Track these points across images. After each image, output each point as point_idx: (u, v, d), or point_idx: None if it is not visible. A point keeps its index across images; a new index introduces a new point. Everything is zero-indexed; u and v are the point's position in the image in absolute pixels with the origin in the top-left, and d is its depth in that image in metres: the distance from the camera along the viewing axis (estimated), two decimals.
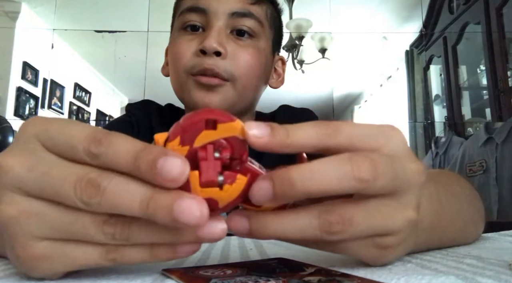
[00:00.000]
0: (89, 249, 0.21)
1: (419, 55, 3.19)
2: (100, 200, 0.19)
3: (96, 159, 0.20)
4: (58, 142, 0.21)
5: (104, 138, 0.20)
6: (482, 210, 0.42)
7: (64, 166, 0.20)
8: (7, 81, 3.01)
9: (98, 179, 0.19)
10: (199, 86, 0.56)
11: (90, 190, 0.19)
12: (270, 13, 0.63)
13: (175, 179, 0.19)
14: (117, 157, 0.20)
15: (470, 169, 1.81)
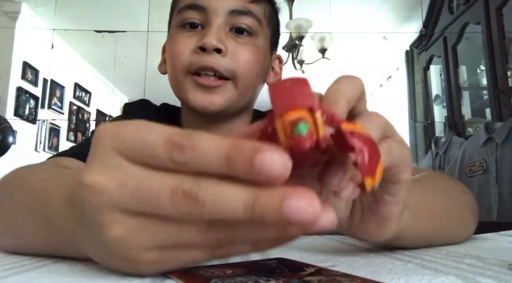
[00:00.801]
0: (196, 252, 0.21)
1: (419, 55, 3.19)
2: (201, 211, 0.18)
3: (184, 166, 0.19)
4: (138, 152, 0.20)
5: (186, 143, 0.19)
6: (472, 205, 0.42)
7: (153, 178, 0.19)
8: (7, 81, 3.01)
9: (194, 189, 0.18)
10: (197, 86, 0.56)
11: (188, 202, 0.18)
12: (268, 11, 0.63)
13: (279, 176, 0.17)
14: (206, 161, 0.18)
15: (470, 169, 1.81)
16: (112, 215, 0.20)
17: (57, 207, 0.26)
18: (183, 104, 0.62)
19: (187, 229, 0.20)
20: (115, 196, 0.20)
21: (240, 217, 0.18)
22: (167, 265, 0.22)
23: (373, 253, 0.31)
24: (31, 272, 0.24)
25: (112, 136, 0.20)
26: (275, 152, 0.17)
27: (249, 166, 0.17)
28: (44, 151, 3.39)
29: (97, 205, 0.20)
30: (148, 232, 0.20)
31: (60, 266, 0.26)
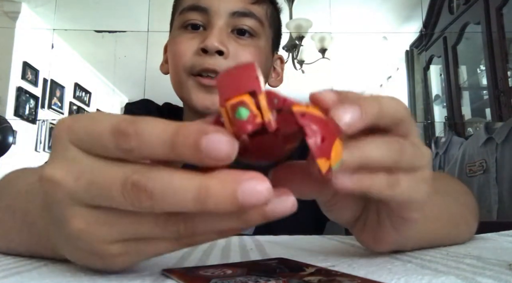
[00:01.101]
0: (160, 243, 0.21)
1: (419, 55, 3.20)
2: (152, 204, 0.18)
3: (130, 153, 0.19)
4: (89, 143, 0.20)
5: (130, 130, 0.18)
6: (474, 206, 0.42)
7: (105, 170, 0.19)
8: (7, 81, 3.02)
9: (142, 181, 0.18)
10: (200, 86, 0.56)
11: (137, 195, 0.18)
12: (270, 12, 0.63)
13: (225, 157, 0.17)
14: (151, 147, 0.18)
15: (470, 169, 1.81)
16: (72, 208, 0.20)
17: (36, 210, 0.26)
18: (185, 104, 0.62)
19: (145, 222, 0.20)
20: (72, 189, 0.20)
21: (192, 209, 0.18)
22: (134, 257, 0.22)
23: (373, 253, 0.31)
24: (31, 272, 0.24)
25: (68, 129, 0.20)
26: (220, 132, 0.17)
27: (194, 148, 0.17)
28: (44, 151, 3.39)
29: (57, 198, 0.20)
30: (108, 225, 0.20)
31: (60, 266, 0.26)
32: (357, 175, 0.21)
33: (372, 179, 0.22)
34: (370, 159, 0.21)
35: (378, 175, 0.22)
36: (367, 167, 0.21)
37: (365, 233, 0.28)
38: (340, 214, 0.28)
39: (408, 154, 0.22)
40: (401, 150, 0.22)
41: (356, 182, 0.21)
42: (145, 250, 0.21)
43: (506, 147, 1.65)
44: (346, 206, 0.28)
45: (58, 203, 0.20)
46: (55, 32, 3.37)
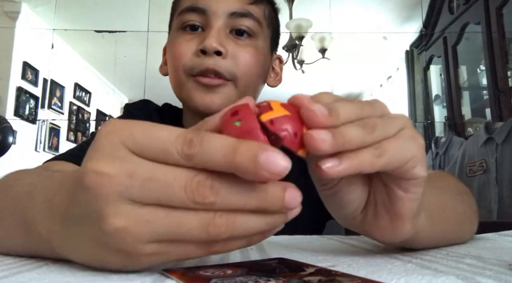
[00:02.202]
0: (193, 247, 0.22)
1: (419, 55, 3.20)
2: (215, 199, 0.20)
3: (192, 159, 0.20)
4: (149, 146, 0.21)
5: (196, 138, 0.20)
6: (475, 207, 0.42)
7: (166, 170, 0.20)
8: (7, 81, 3.02)
9: (208, 181, 0.20)
10: (199, 86, 0.56)
11: (202, 191, 0.20)
12: (268, 12, 0.63)
13: (280, 172, 0.19)
14: (213, 155, 0.20)
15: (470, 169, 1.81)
16: (116, 205, 0.20)
17: (37, 209, 0.26)
18: (185, 105, 0.62)
19: (188, 223, 0.21)
20: (123, 185, 0.20)
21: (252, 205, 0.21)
22: (162, 259, 0.22)
23: (373, 253, 0.31)
24: (31, 272, 0.24)
25: (120, 131, 0.21)
26: (277, 151, 0.19)
27: (253, 159, 0.19)
28: (44, 151, 3.39)
29: (103, 193, 0.20)
30: (149, 224, 0.21)
31: (60, 266, 0.26)
32: (344, 158, 0.23)
33: (359, 156, 0.23)
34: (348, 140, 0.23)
35: (363, 151, 0.23)
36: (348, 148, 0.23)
37: (379, 216, 0.28)
38: (346, 200, 0.28)
39: (380, 123, 0.24)
40: (373, 123, 0.24)
41: (346, 165, 0.23)
42: (175, 252, 0.22)
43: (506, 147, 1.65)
44: (348, 191, 0.28)
45: (101, 198, 0.20)
46: (55, 32, 3.37)
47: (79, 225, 0.22)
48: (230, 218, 0.21)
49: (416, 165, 0.25)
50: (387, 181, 0.27)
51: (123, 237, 0.21)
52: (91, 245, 0.22)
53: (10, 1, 3.05)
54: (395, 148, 0.24)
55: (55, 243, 0.25)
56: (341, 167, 0.23)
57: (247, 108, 0.22)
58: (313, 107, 0.22)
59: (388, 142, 0.24)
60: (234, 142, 0.20)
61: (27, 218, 0.27)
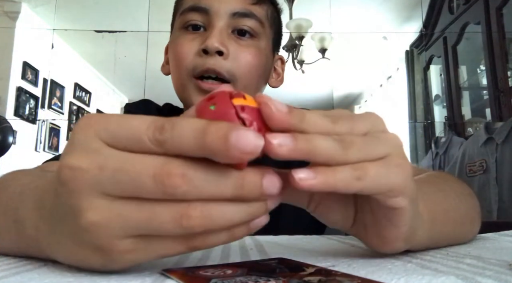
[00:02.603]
0: (170, 243, 0.21)
1: (419, 55, 3.19)
2: (188, 188, 0.19)
3: (163, 145, 0.20)
4: (121, 136, 0.20)
5: (167, 124, 0.20)
6: (478, 208, 0.42)
7: (135, 160, 0.20)
8: (7, 81, 3.01)
9: (180, 168, 0.19)
10: (199, 91, 0.56)
11: (174, 180, 0.19)
12: (270, 13, 0.63)
13: (252, 151, 0.19)
14: (184, 138, 0.19)
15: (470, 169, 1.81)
16: (90, 199, 0.20)
17: (26, 209, 0.26)
18: (186, 105, 0.62)
19: (160, 216, 0.20)
20: (95, 178, 0.20)
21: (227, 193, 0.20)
22: (140, 257, 0.22)
23: (373, 253, 0.31)
24: (31, 272, 0.24)
25: (95, 123, 0.21)
26: (249, 129, 0.19)
27: (224, 139, 0.18)
28: (44, 150, 3.39)
29: (77, 187, 0.20)
30: (121, 218, 0.20)
31: (60, 266, 0.26)
32: (319, 173, 0.21)
33: (336, 174, 0.22)
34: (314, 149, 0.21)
35: (343, 170, 0.22)
36: (314, 159, 0.22)
37: (368, 234, 0.28)
38: (329, 216, 0.28)
39: (360, 142, 0.23)
40: (350, 140, 0.23)
41: (320, 180, 0.21)
42: (153, 249, 0.21)
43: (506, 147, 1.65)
44: (331, 208, 0.28)
45: (75, 193, 0.20)
46: (55, 32, 3.37)
47: (61, 222, 0.22)
48: (205, 209, 0.20)
49: (397, 195, 0.24)
50: (372, 206, 0.26)
51: (97, 232, 0.20)
52: (72, 243, 0.22)
53: (10, 1, 3.05)
54: (376, 174, 0.23)
55: (42, 242, 0.25)
56: (314, 181, 0.21)
57: (223, 93, 0.21)
58: (272, 103, 0.21)
59: (370, 165, 0.23)
60: (204, 123, 0.19)
61: (18, 218, 0.27)
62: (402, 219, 0.25)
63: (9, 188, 0.33)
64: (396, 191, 0.24)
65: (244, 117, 0.21)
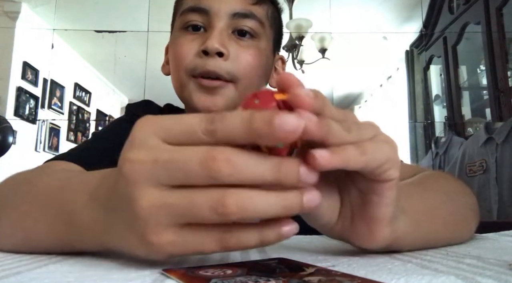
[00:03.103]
0: (207, 238, 0.23)
1: (419, 55, 3.19)
2: (231, 171, 0.21)
3: (214, 134, 0.22)
4: (176, 132, 0.23)
5: (217, 116, 0.22)
6: (473, 206, 0.42)
7: (186, 150, 0.22)
8: (7, 81, 3.01)
9: (224, 153, 0.21)
10: (200, 88, 0.56)
11: (219, 164, 0.21)
12: (271, 13, 0.63)
13: (295, 130, 0.20)
14: (233, 126, 0.21)
15: (470, 169, 1.81)
16: (144, 189, 0.23)
17: (79, 202, 0.29)
18: (186, 105, 0.62)
19: (199, 200, 0.22)
20: (150, 170, 0.22)
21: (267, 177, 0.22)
22: (180, 249, 0.23)
23: (373, 253, 0.31)
24: (31, 272, 0.24)
25: (152, 123, 0.24)
26: (289, 113, 0.21)
27: (269, 123, 0.20)
28: (44, 150, 3.39)
29: (134, 178, 0.23)
30: (168, 208, 0.22)
31: (60, 266, 0.26)
32: (334, 151, 0.24)
33: (345, 151, 0.24)
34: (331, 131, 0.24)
35: (349, 148, 0.24)
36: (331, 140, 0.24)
37: (355, 224, 0.29)
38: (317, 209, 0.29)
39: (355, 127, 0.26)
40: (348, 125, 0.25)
41: (336, 157, 0.23)
42: (192, 242, 0.23)
43: (506, 147, 1.65)
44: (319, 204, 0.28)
45: (133, 183, 0.23)
46: (55, 32, 3.37)
47: (117, 211, 0.25)
48: (240, 197, 0.21)
49: (391, 167, 0.26)
50: (361, 186, 0.28)
51: (146, 219, 0.23)
52: (125, 230, 0.24)
53: (10, 1, 3.05)
54: (373, 149, 0.25)
55: (99, 231, 0.27)
56: (332, 158, 0.23)
57: (266, 90, 0.24)
58: (301, 92, 0.23)
59: (366, 142, 0.25)
60: (250, 112, 0.21)
61: (67, 210, 0.29)
62: (392, 193, 0.27)
63: (38, 185, 0.35)
64: (390, 163, 0.26)
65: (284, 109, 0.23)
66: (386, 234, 0.28)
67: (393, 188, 0.27)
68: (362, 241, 0.29)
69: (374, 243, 0.29)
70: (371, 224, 0.28)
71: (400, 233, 0.29)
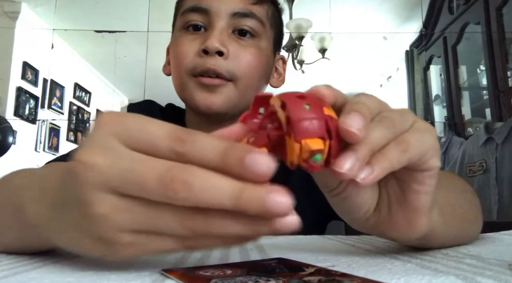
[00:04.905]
0: (168, 241, 0.22)
1: (419, 55, 3.20)
2: (187, 195, 0.19)
3: (181, 157, 0.20)
4: (139, 139, 0.21)
5: (187, 137, 0.21)
6: (480, 206, 0.42)
7: (146, 162, 0.21)
8: (7, 81, 3.01)
9: (184, 174, 0.20)
10: (201, 87, 0.56)
11: (176, 185, 0.19)
12: (271, 12, 0.63)
13: (265, 174, 0.19)
14: (204, 154, 0.20)
15: (470, 169, 1.81)
16: (100, 194, 0.21)
17: (28, 196, 0.27)
18: (187, 105, 0.63)
19: (165, 216, 0.21)
20: (105, 175, 0.21)
21: (226, 205, 0.19)
22: (139, 251, 0.22)
23: (373, 253, 0.31)
24: (31, 272, 0.24)
25: (115, 122, 0.22)
26: (265, 154, 0.20)
27: (240, 162, 0.19)
28: (44, 151, 3.39)
29: (88, 181, 0.21)
30: (130, 214, 0.21)
31: (60, 266, 0.26)
32: (374, 163, 0.23)
33: (387, 157, 0.23)
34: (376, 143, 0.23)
35: (389, 150, 0.23)
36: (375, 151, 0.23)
37: (393, 214, 0.28)
38: (357, 198, 0.28)
39: (397, 117, 0.25)
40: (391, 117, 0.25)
41: (378, 170, 0.23)
42: (151, 244, 0.22)
43: (506, 147, 1.65)
44: (359, 195, 0.27)
45: (85, 186, 0.21)
46: (55, 32, 3.37)
47: (65, 209, 0.23)
48: (207, 218, 0.20)
49: (433, 155, 0.25)
50: (400, 176, 0.27)
51: (103, 224, 0.21)
52: (74, 229, 0.23)
53: (10, 1, 3.05)
54: (416, 140, 0.24)
55: (41, 226, 0.26)
56: (375, 174, 0.22)
57: (316, 96, 0.22)
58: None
59: (408, 135, 0.24)
60: (226, 143, 0.20)
61: (19, 207, 0.28)
62: (433, 182, 0.26)
63: (11, 182, 0.34)
64: (432, 151, 0.25)
65: (331, 128, 0.22)
66: (425, 223, 0.27)
67: (435, 176, 0.26)
68: (400, 232, 0.28)
69: (413, 234, 0.28)
70: (410, 214, 0.27)
71: (434, 224, 0.29)
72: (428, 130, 0.26)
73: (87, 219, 0.22)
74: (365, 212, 0.28)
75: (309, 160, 0.21)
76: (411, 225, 0.27)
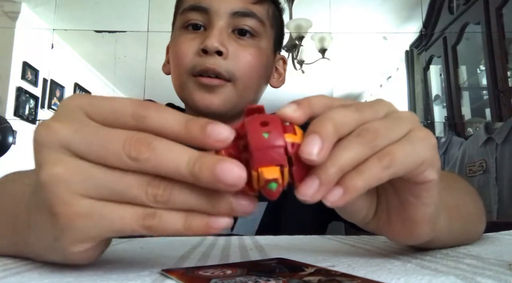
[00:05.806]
0: (127, 212, 0.21)
1: (419, 55, 3.19)
2: (149, 156, 0.20)
3: (144, 122, 0.21)
4: (104, 110, 0.22)
5: (151, 105, 0.21)
6: (483, 207, 0.42)
7: (111, 129, 0.21)
8: (7, 81, 3.01)
9: (148, 138, 0.20)
10: (200, 87, 0.56)
11: (139, 146, 0.20)
12: (271, 12, 0.63)
13: (224, 140, 0.20)
14: (168, 121, 0.21)
15: (470, 169, 1.81)
16: (57, 154, 0.21)
17: (21, 202, 0.27)
18: (186, 105, 0.62)
19: (127, 179, 0.21)
20: (67, 137, 0.21)
21: (182, 170, 0.20)
22: (95, 225, 0.21)
23: (373, 253, 0.31)
24: (31, 272, 0.24)
25: (81, 98, 0.23)
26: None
27: (202, 129, 0.20)
28: None
29: (46, 142, 0.21)
30: (86, 176, 0.21)
31: (60, 266, 0.26)
32: (347, 182, 0.21)
33: (363, 175, 0.22)
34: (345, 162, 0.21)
35: (367, 166, 0.22)
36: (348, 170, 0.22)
37: (392, 222, 0.27)
38: (354, 205, 0.27)
39: (383, 128, 0.23)
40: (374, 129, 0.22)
41: (352, 191, 0.21)
42: (109, 217, 0.21)
43: (506, 147, 1.65)
44: (355, 203, 0.27)
45: (43, 147, 0.21)
46: (55, 32, 3.37)
47: (34, 193, 0.23)
48: (167, 186, 0.21)
49: (427, 168, 0.24)
50: (397, 186, 0.26)
51: (57, 186, 0.20)
52: (34, 209, 0.23)
53: (10, 1, 3.05)
54: (404, 154, 0.22)
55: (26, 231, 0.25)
56: (348, 195, 0.21)
57: (278, 123, 0.22)
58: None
59: (395, 147, 0.22)
60: (188, 116, 0.21)
61: (13, 211, 0.27)
62: (431, 194, 0.25)
63: (7, 189, 0.32)
64: (425, 164, 0.24)
65: (291, 155, 0.21)
66: (426, 232, 0.27)
67: (432, 189, 0.25)
68: (400, 239, 0.28)
69: (413, 241, 0.27)
70: (409, 224, 0.26)
71: (439, 230, 0.28)
72: (424, 140, 0.24)
73: (41, 182, 0.21)
74: (363, 218, 0.28)
75: (266, 187, 0.21)
76: (411, 234, 0.27)
